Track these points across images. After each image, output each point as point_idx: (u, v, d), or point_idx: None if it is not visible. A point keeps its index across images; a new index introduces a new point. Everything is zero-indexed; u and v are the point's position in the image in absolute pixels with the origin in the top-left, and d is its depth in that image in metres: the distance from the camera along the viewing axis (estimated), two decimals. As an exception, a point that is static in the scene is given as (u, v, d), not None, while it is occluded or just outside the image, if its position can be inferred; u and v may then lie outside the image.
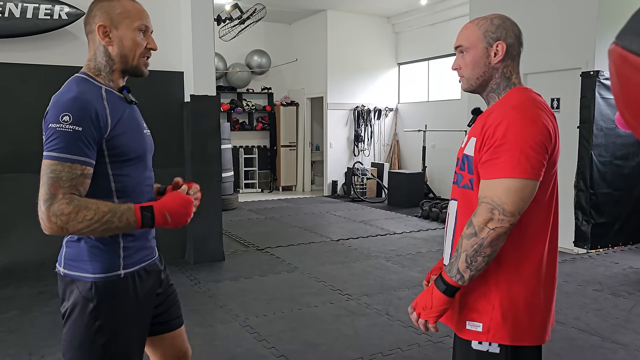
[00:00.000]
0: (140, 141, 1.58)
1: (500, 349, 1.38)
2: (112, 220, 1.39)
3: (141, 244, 1.57)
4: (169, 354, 1.76)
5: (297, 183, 11.07)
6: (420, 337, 3.32)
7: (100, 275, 1.46)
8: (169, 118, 5.12)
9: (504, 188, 1.29)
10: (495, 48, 1.42)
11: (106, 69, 1.55)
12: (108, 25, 1.51)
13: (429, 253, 5.59)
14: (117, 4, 1.52)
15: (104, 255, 1.47)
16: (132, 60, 1.56)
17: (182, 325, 1.79)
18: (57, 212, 1.35)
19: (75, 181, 1.38)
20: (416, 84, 10.39)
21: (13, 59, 4.47)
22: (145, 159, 1.61)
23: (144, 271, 1.57)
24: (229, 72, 10.27)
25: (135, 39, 1.54)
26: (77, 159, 1.38)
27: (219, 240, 5.27)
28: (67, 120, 1.37)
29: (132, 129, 1.55)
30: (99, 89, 1.50)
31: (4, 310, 3.78)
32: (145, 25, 1.57)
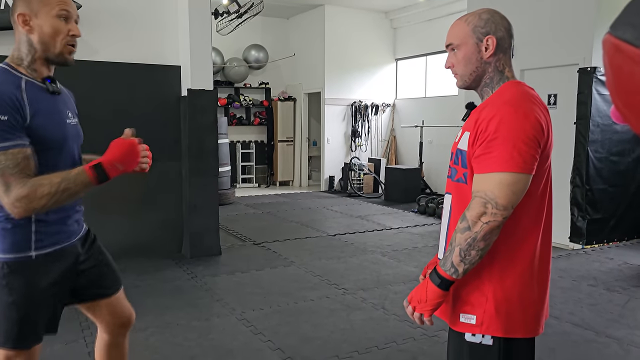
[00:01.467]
0: (61, 131, 1.61)
1: (493, 341, 1.39)
2: (69, 187, 1.47)
3: (56, 228, 1.64)
4: (110, 320, 1.90)
5: (294, 178, 11.08)
6: (415, 331, 3.34)
7: (10, 255, 1.55)
8: (166, 112, 5.11)
9: (496, 182, 1.30)
10: (485, 42, 1.43)
11: (28, 57, 1.57)
12: (28, 13, 1.54)
13: (425, 248, 5.61)
14: None
15: (15, 238, 1.55)
16: (54, 48, 1.57)
17: (117, 292, 1.90)
18: (16, 198, 1.43)
19: (21, 165, 1.45)
20: (414, 80, 10.38)
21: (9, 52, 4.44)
22: (67, 148, 1.64)
23: (59, 253, 1.64)
24: (226, 67, 10.25)
25: (55, 25, 1.54)
26: (13, 144, 1.44)
27: (216, 235, 5.28)
28: None
29: (51, 119, 1.58)
30: (18, 79, 1.54)
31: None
32: (67, 10, 1.57)
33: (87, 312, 1.90)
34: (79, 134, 1.75)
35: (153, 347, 3.12)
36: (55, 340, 3.13)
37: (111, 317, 1.90)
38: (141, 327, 3.37)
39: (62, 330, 3.30)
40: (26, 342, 1.62)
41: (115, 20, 4.83)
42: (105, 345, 1.96)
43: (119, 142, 1.58)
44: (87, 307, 1.87)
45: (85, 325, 3.38)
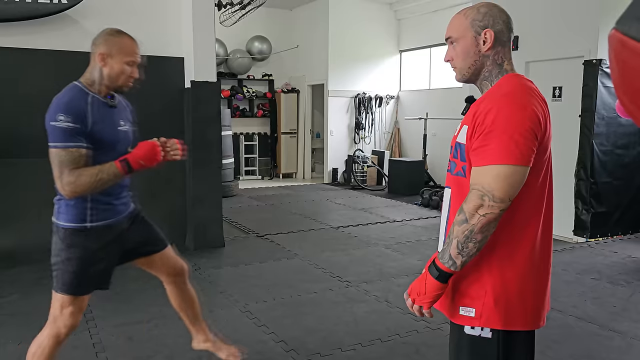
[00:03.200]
0: (113, 135, 2.12)
1: (493, 333, 1.40)
2: (102, 177, 1.98)
3: (105, 207, 2.14)
4: (165, 270, 2.46)
5: (297, 170, 11.07)
6: (418, 324, 3.35)
7: (71, 224, 2.08)
8: (169, 104, 5.10)
9: (493, 174, 1.30)
10: (483, 36, 1.43)
11: (97, 81, 2.10)
12: (107, 53, 2.07)
13: (429, 241, 5.61)
14: (118, 39, 2.10)
15: (75, 211, 2.07)
16: (117, 82, 2.11)
17: (164, 248, 2.43)
18: (66, 182, 1.96)
19: (75, 160, 1.96)
20: (418, 72, 10.33)
21: (12, 43, 4.44)
22: (118, 148, 2.13)
23: (107, 226, 2.14)
24: (229, 59, 10.22)
25: (123, 69, 2.09)
26: (73, 144, 1.96)
27: (219, 227, 5.29)
28: (61, 119, 1.95)
29: (107, 126, 2.09)
30: (87, 95, 2.06)
31: (6, 294, 3.80)
32: (134, 60, 2.12)
33: (147, 268, 2.45)
34: (128, 138, 2.22)
35: (157, 338, 3.14)
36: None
37: (165, 268, 2.45)
38: (145, 318, 3.40)
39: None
40: (78, 290, 2.11)
41: (119, 11, 4.82)
42: (173, 293, 2.56)
43: (144, 143, 2.07)
44: (144, 262, 2.40)
45: (90, 316, 3.40)
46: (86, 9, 4.64)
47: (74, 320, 2.14)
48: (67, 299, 2.11)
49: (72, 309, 2.12)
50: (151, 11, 4.96)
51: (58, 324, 2.13)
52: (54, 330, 2.14)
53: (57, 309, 2.13)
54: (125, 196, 2.26)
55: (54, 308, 2.14)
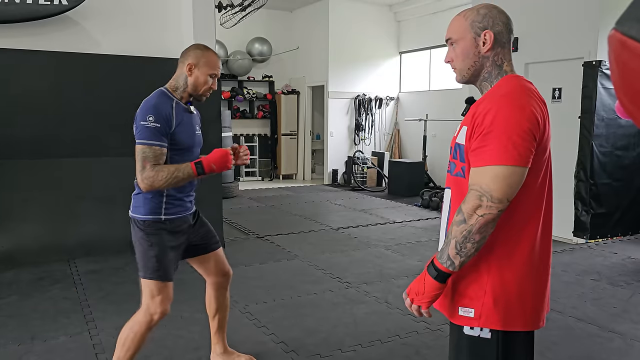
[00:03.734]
0: (191, 138, 2.37)
1: (492, 334, 1.40)
2: (178, 175, 2.18)
3: (178, 203, 2.37)
4: (214, 271, 2.66)
5: (297, 172, 11.08)
6: (418, 325, 3.35)
7: (149, 216, 2.28)
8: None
9: (491, 175, 1.31)
10: (483, 37, 1.44)
11: (181, 88, 2.36)
12: (195, 64, 2.33)
13: (429, 242, 5.61)
14: (206, 54, 2.35)
15: (152, 205, 2.28)
16: (198, 91, 2.36)
17: (219, 248, 2.65)
18: (145, 176, 2.16)
19: (157, 157, 2.18)
20: (418, 73, 10.34)
21: (13, 45, 4.45)
22: (192, 150, 2.39)
23: (179, 219, 2.37)
24: (229, 60, 10.23)
25: (206, 79, 2.34)
26: (157, 143, 2.19)
27: (219, 228, 5.28)
28: (151, 120, 2.18)
29: (187, 130, 2.34)
30: (171, 100, 2.32)
31: (5, 295, 3.80)
32: (216, 74, 2.37)
33: (199, 265, 2.64)
34: (200, 141, 2.49)
35: (157, 339, 3.14)
36: (60, 333, 3.16)
37: (215, 266, 2.65)
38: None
39: (67, 322, 3.33)
40: (162, 275, 2.31)
41: (120, 13, 4.83)
42: (213, 296, 2.73)
43: (218, 150, 2.28)
44: (199, 260, 2.61)
45: (89, 317, 3.40)
46: (86, 10, 4.64)
47: (164, 307, 2.34)
48: (155, 285, 2.30)
49: (162, 297, 2.32)
50: (151, 13, 4.97)
51: (151, 311, 2.32)
52: (147, 317, 2.32)
53: (148, 296, 2.32)
54: (193, 195, 2.50)
55: (146, 296, 2.32)
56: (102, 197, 4.80)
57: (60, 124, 4.60)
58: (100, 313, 3.49)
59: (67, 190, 4.73)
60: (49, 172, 4.62)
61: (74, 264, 4.55)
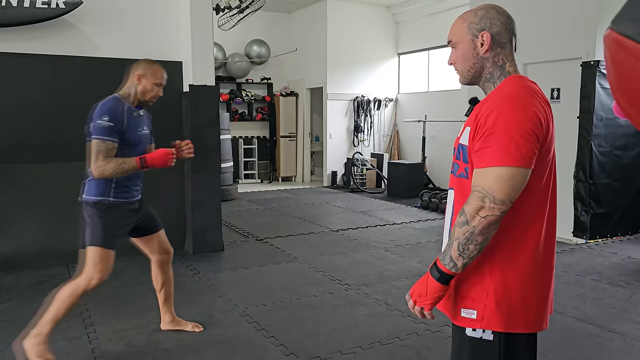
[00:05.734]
0: (138, 137, 2.83)
1: (494, 336, 1.39)
2: (124, 166, 2.66)
3: (125, 189, 2.81)
4: (158, 249, 3.10)
5: (296, 174, 11.07)
6: (418, 327, 3.34)
7: (98, 197, 2.73)
8: (167, 108, 5.08)
9: (494, 176, 1.30)
10: (480, 38, 1.44)
11: (131, 95, 2.82)
12: (143, 74, 2.81)
13: (428, 243, 5.61)
14: (152, 66, 2.85)
15: (101, 189, 2.73)
16: (145, 98, 2.84)
17: (161, 230, 3.09)
18: (98, 166, 2.63)
19: (108, 151, 2.65)
20: (416, 74, 10.35)
21: (10, 49, 4.44)
22: (139, 146, 2.83)
23: (124, 203, 2.81)
24: (228, 62, 10.23)
25: (152, 88, 2.83)
26: (110, 139, 2.66)
27: (219, 231, 5.28)
28: (105, 120, 2.64)
29: (134, 129, 2.80)
30: (123, 104, 2.77)
31: (4, 300, 3.79)
32: (161, 83, 2.86)
33: (143, 245, 3.08)
34: (147, 140, 2.94)
35: (156, 342, 3.13)
36: (59, 337, 3.15)
37: (158, 245, 3.09)
38: (144, 323, 3.39)
39: (66, 326, 3.32)
40: (106, 243, 2.72)
41: (117, 16, 4.82)
42: (158, 272, 3.14)
43: (161, 150, 2.76)
44: (144, 240, 3.05)
45: (88, 322, 3.39)
46: (84, 13, 4.63)
47: (102, 275, 2.69)
48: (99, 252, 2.68)
49: (103, 265, 2.69)
50: (149, 16, 4.96)
51: (89, 276, 2.67)
52: (86, 281, 2.67)
53: (90, 263, 2.68)
54: (139, 185, 2.93)
55: (88, 262, 2.69)
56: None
57: (58, 127, 4.59)
58: (99, 317, 3.48)
59: (66, 194, 4.71)
60: (48, 176, 4.60)
61: (73, 268, 4.52)
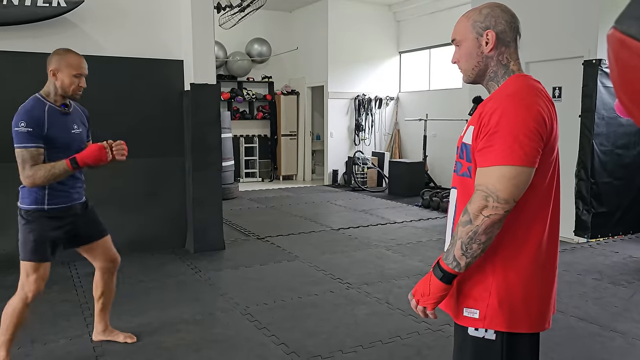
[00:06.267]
0: (67, 138, 2.59)
1: (496, 335, 1.39)
2: (54, 172, 2.45)
3: (61, 194, 2.61)
4: (102, 258, 2.87)
5: (297, 172, 11.07)
6: (419, 326, 3.34)
7: (32, 206, 2.56)
8: (169, 107, 5.09)
9: (498, 175, 1.30)
10: (485, 37, 1.43)
11: (52, 93, 2.59)
12: (56, 69, 2.55)
13: (429, 242, 5.60)
14: (65, 57, 2.57)
15: (35, 196, 2.55)
16: (67, 92, 2.58)
17: (105, 236, 2.86)
18: (26, 175, 2.45)
19: (34, 158, 2.45)
20: (417, 73, 10.34)
21: (11, 47, 4.43)
22: (70, 148, 2.58)
23: (62, 209, 2.62)
24: (229, 61, 10.23)
25: (71, 80, 2.56)
26: (33, 145, 2.45)
27: (220, 229, 5.28)
28: (22, 125, 2.44)
29: (61, 130, 2.57)
30: (44, 105, 2.55)
31: (6, 299, 3.78)
32: (80, 73, 2.58)
33: (86, 253, 2.86)
34: (82, 139, 2.70)
35: (157, 341, 3.13)
36: (60, 335, 3.15)
37: (103, 254, 2.86)
38: (145, 322, 3.39)
39: (67, 325, 3.32)
40: (39, 257, 2.57)
41: (118, 14, 4.81)
42: (100, 280, 2.93)
43: (93, 146, 2.52)
44: (86, 249, 2.84)
45: (89, 320, 3.39)
46: (84, 12, 4.63)
47: (37, 286, 2.59)
48: (30, 266, 2.57)
49: (36, 276, 2.57)
50: (150, 14, 4.96)
51: (25, 290, 2.58)
52: (22, 295, 2.59)
53: (24, 276, 2.58)
54: (80, 187, 2.71)
55: (22, 276, 2.58)
56: (100, 200, 4.78)
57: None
58: (100, 315, 3.48)
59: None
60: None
61: (74, 266, 4.53)
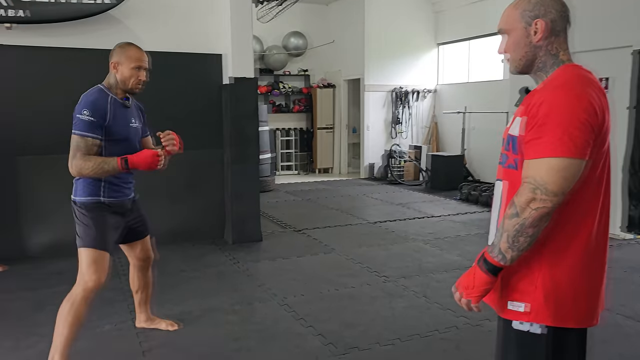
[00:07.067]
0: (125, 131, 2.62)
1: (542, 329, 1.36)
2: (104, 167, 2.45)
3: (116, 188, 2.62)
4: (140, 255, 2.93)
5: (334, 165, 11.07)
6: (458, 320, 3.29)
7: (89, 198, 2.55)
8: (208, 100, 5.17)
9: (546, 167, 1.26)
10: (534, 26, 1.39)
11: (114, 85, 2.62)
12: (117, 62, 2.59)
13: (468, 236, 5.51)
14: (126, 50, 2.61)
15: (91, 189, 2.56)
16: (127, 85, 2.61)
17: (147, 236, 2.92)
18: (75, 164, 2.44)
19: (88, 148, 2.46)
20: (456, 65, 10.15)
21: (61, 44, 4.58)
22: (128, 141, 2.63)
23: (116, 202, 2.64)
24: (266, 55, 10.29)
25: (130, 73, 2.58)
26: (91, 135, 2.47)
27: (257, 221, 5.34)
28: (86, 114, 2.45)
29: (121, 123, 2.60)
30: (107, 96, 2.58)
31: (55, 284, 3.94)
32: (140, 65, 2.60)
33: (126, 249, 2.90)
34: (137, 133, 2.74)
35: (197, 329, 3.19)
36: (105, 321, 3.25)
37: (142, 251, 2.93)
38: (185, 310, 3.46)
39: (112, 311, 3.43)
40: (99, 244, 2.54)
41: (160, 10, 4.91)
42: (137, 275, 2.99)
43: (147, 151, 2.54)
44: (128, 246, 2.88)
45: (132, 307, 3.49)
46: (128, 8, 4.74)
47: (98, 276, 2.51)
48: (90, 254, 2.51)
49: (97, 266, 2.51)
50: (191, 9, 5.04)
51: (85, 279, 2.51)
52: (82, 285, 2.52)
53: (84, 265, 2.52)
54: (131, 182, 2.75)
55: (82, 265, 2.53)
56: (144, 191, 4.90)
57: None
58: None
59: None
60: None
61: (118, 254, 4.66)
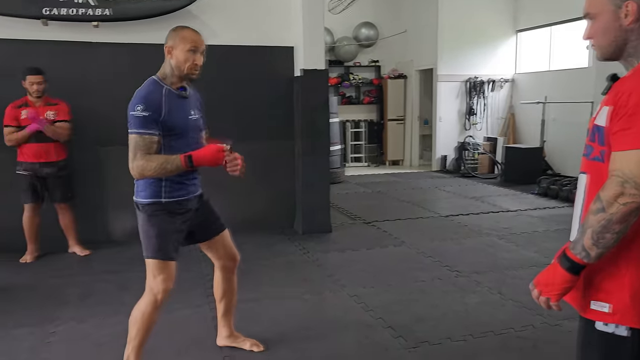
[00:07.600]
0: (184, 124, 2.36)
1: (628, 332, 1.27)
2: (167, 166, 2.24)
3: (178, 187, 2.38)
4: (223, 255, 2.67)
5: (404, 157, 10.92)
6: (535, 319, 3.16)
7: (150, 199, 2.35)
8: (280, 92, 5.26)
9: (636, 160, 1.17)
10: (625, 9, 1.28)
11: (169, 74, 2.36)
12: (171, 45, 2.33)
13: (547, 232, 5.26)
14: (179, 32, 2.35)
15: (152, 189, 2.34)
16: (183, 71, 2.33)
17: (224, 230, 2.64)
18: (136, 165, 2.23)
19: (147, 146, 2.24)
20: (536, 52, 9.65)
21: (139, 40, 4.81)
22: (187, 136, 2.38)
23: (178, 202, 2.39)
24: (336, 46, 10.29)
25: (185, 56, 2.31)
26: (148, 132, 2.24)
27: (327, 212, 5.38)
28: (139, 109, 2.22)
29: (179, 115, 2.35)
30: (162, 88, 2.33)
31: (139, 268, 4.16)
32: (195, 47, 2.32)
33: (207, 250, 2.67)
34: (198, 126, 2.47)
35: (269, 316, 3.28)
36: (184, 306, 3.41)
37: (223, 251, 2.66)
38: (256, 297, 3.56)
39: (189, 296, 3.58)
40: (164, 254, 2.37)
41: (234, 4, 5.05)
42: (221, 280, 2.73)
43: (211, 146, 2.30)
44: (207, 245, 2.64)
45: (210, 292, 3.63)
46: (204, 4, 4.91)
47: (166, 286, 2.38)
48: (156, 265, 2.37)
49: (164, 276, 2.37)
50: (264, 3, 5.14)
51: (154, 291, 2.38)
52: (151, 297, 2.39)
53: (150, 277, 2.40)
54: (196, 178, 2.50)
55: (149, 276, 2.40)
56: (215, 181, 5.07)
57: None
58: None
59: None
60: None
61: (194, 242, 4.87)
